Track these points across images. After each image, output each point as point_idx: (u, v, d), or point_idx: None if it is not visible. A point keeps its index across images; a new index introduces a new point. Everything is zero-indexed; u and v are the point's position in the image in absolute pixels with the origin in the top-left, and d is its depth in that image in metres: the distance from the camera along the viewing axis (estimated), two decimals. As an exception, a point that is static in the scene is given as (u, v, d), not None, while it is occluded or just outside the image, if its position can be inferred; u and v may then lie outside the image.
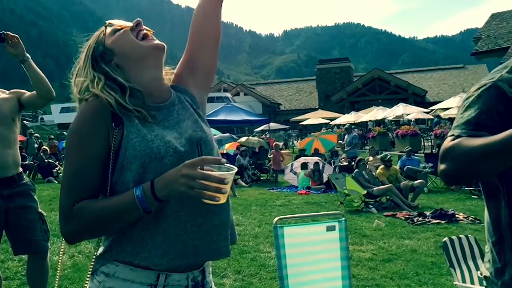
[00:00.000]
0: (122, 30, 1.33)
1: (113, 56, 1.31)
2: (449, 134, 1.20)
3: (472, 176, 1.16)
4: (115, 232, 1.25)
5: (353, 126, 27.72)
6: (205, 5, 1.47)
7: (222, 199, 1.14)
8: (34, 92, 3.09)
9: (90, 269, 1.30)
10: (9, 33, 2.90)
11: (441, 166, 1.17)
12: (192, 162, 1.12)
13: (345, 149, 15.62)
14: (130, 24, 1.34)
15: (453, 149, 1.14)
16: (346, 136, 15.81)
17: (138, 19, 1.34)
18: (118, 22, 1.35)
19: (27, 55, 2.98)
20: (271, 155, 15.09)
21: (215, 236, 1.28)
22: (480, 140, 1.09)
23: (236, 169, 1.17)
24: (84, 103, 1.26)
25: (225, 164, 1.15)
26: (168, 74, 1.44)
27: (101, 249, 1.30)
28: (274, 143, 16.59)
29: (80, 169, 1.21)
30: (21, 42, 2.93)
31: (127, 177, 1.21)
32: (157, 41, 1.33)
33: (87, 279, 1.30)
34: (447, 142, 1.17)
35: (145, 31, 1.34)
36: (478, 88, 1.22)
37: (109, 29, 1.34)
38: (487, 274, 1.35)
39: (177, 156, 1.23)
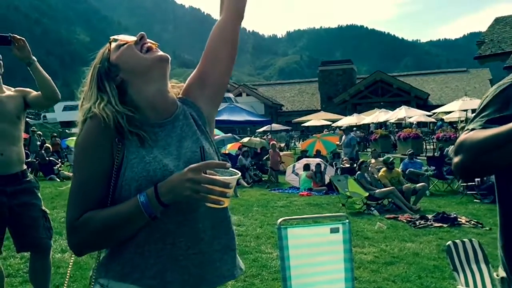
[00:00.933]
0: (126, 45, 1.32)
1: (119, 72, 1.31)
2: (465, 129, 1.23)
3: (484, 166, 1.17)
4: (122, 240, 1.24)
5: (354, 128, 27.85)
6: (225, 24, 1.46)
7: (226, 203, 1.15)
8: (40, 92, 3.10)
9: (93, 277, 1.32)
10: (16, 35, 2.90)
11: (455, 159, 1.20)
12: (197, 167, 1.12)
13: (343, 151, 15.53)
14: (134, 38, 1.34)
15: (465, 140, 1.17)
16: (343, 137, 15.73)
17: (142, 32, 1.34)
18: (122, 37, 1.35)
19: (33, 57, 2.99)
20: (269, 155, 14.97)
21: (218, 262, 1.29)
22: (490, 130, 1.12)
23: (239, 174, 1.18)
24: (88, 120, 1.26)
25: (229, 168, 1.16)
26: (176, 87, 1.43)
27: (101, 259, 1.31)
28: (271, 143, 16.48)
29: (85, 183, 1.22)
30: (28, 45, 2.93)
31: (126, 195, 1.22)
32: (161, 53, 1.32)
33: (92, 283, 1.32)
34: (461, 136, 1.20)
35: (149, 44, 1.33)
36: (497, 87, 1.25)
37: (113, 45, 1.34)
38: (503, 275, 1.37)
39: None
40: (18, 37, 2.90)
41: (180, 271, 1.22)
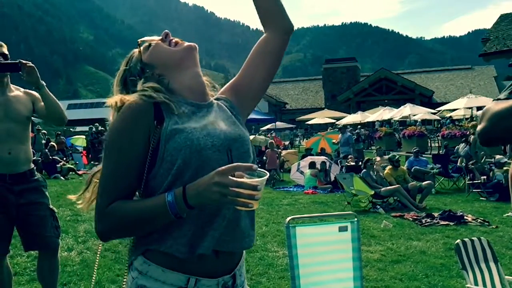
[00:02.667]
0: (154, 44, 1.41)
1: (153, 69, 1.38)
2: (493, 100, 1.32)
3: (504, 132, 1.24)
4: (146, 232, 1.26)
5: (359, 126, 27.79)
6: (274, 42, 1.50)
7: (255, 205, 1.14)
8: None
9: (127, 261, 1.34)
10: (24, 61, 2.92)
11: (478, 127, 1.28)
12: (224, 170, 1.12)
13: (339, 149, 15.32)
14: (159, 37, 1.42)
15: (489, 109, 1.26)
16: (340, 136, 15.57)
17: (166, 31, 1.43)
18: (148, 38, 1.43)
19: (42, 82, 3.01)
20: (267, 155, 14.51)
21: (247, 232, 1.33)
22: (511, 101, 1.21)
23: (268, 175, 1.16)
24: (125, 106, 1.27)
25: (257, 169, 1.15)
26: (209, 86, 1.46)
27: (136, 241, 1.32)
28: (269, 142, 16.32)
29: (118, 170, 1.23)
30: (36, 70, 2.95)
31: (165, 170, 1.23)
32: (188, 43, 1.41)
33: (125, 272, 1.35)
34: (487, 105, 1.29)
35: (175, 39, 1.42)
36: None
37: (142, 47, 1.42)
38: None
39: (215, 149, 1.25)
40: (27, 62, 2.91)
41: (209, 238, 1.24)
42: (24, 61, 2.91)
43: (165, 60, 1.37)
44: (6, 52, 3.11)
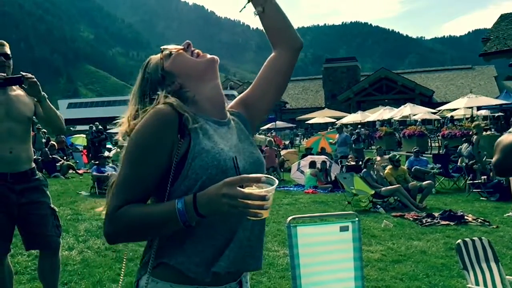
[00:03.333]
0: (177, 53, 1.40)
1: (175, 78, 1.37)
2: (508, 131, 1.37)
3: None
4: (154, 237, 1.27)
5: (359, 126, 27.79)
6: (285, 59, 1.52)
7: (265, 214, 1.14)
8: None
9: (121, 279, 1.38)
10: (27, 74, 2.94)
11: (493, 159, 1.35)
12: (232, 181, 1.12)
13: (336, 149, 15.15)
14: (181, 46, 1.42)
15: (501, 141, 1.31)
16: (337, 136, 15.43)
17: (188, 41, 1.43)
18: (170, 46, 1.42)
19: (44, 94, 3.03)
20: (265, 153, 14.49)
21: (258, 252, 1.35)
22: None
23: (277, 183, 1.16)
24: (151, 113, 1.26)
25: (267, 177, 1.16)
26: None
27: (146, 257, 1.32)
28: (268, 139, 16.26)
29: (136, 177, 1.23)
30: (38, 84, 2.97)
31: (186, 187, 1.23)
32: (210, 56, 1.42)
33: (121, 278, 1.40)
34: (500, 137, 1.35)
35: (197, 50, 1.42)
36: None
37: (163, 54, 1.41)
38: None
39: (237, 173, 1.26)
40: (29, 76, 2.92)
41: (227, 257, 1.25)
42: (26, 75, 2.92)
43: (188, 70, 1.37)
44: (8, 52, 3.11)
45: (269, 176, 1.16)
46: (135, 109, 1.35)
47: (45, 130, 20.97)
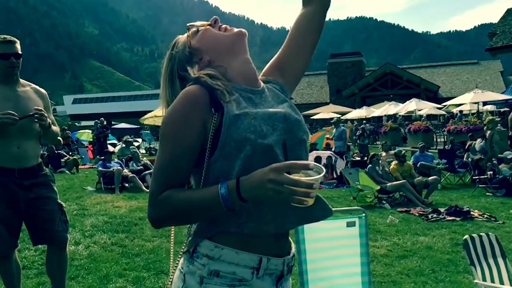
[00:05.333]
0: (204, 29, 1.39)
1: (202, 54, 1.37)
2: None
3: None
4: (195, 222, 1.29)
5: (364, 121, 27.72)
6: (314, 15, 1.52)
7: (310, 202, 1.12)
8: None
9: (182, 248, 1.32)
10: (37, 112, 3.02)
11: None
12: (279, 167, 1.11)
13: (335, 145, 15.04)
14: (208, 22, 1.41)
15: None
16: (334, 131, 15.32)
17: (215, 16, 1.41)
18: (197, 23, 1.41)
19: (49, 122, 3.11)
20: None
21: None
22: None
23: (324, 171, 1.13)
24: (181, 94, 1.26)
25: (315, 166, 1.13)
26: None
27: (196, 226, 1.31)
28: None
29: (173, 159, 1.23)
30: (46, 116, 3.08)
31: (227, 154, 1.22)
32: (238, 29, 1.40)
33: (170, 264, 1.37)
34: None
35: (224, 25, 1.41)
36: None
37: (190, 31, 1.40)
38: None
39: (277, 134, 1.25)
40: (40, 113, 3.01)
41: (289, 211, 1.26)
42: (37, 113, 3.00)
43: (216, 45, 1.36)
44: (19, 50, 3.13)
45: (317, 164, 1.14)
46: (168, 91, 1.36)
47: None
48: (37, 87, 3.30)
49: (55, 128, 3.27)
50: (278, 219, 1.26)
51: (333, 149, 14.67)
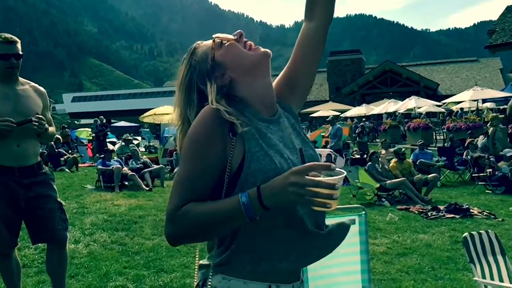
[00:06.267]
0: (229, 43, 1.33)
1: (225, 70, 1.31)
2: None
3: None
4: (217, 237, 1.25)
5: (363, 119, 27.71)
6: (317, 30, 1.48)
7: (334, 205, 1.09)
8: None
9: (194, 281, 1.31)
10: (36, 118, 3.05)
11: None
12: (300, 169, 1.08)
13: (331, 143, 15.00)
14: (233, 36, 1.34)
15: None
16: (330, 128, 15.27)
17: (240, 31, 1.35)
18: (222, 35, 1.35)
19: (46, 126, 3.13)
20: None
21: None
22: None
23: (345, 173, 1.11)
24: (203, 110, 1.24)
25: (334, 169, 1.11)
26: None
27: (209, 260, 1.29)
28: None
29: (195, 175, 1.20)
30: (44, 121, 3.11)
31: (247, 188, 1.18)
32: (264, 49, 1.35)
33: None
34: None
35: (249, 42, 1.35)
36: None
37: (215, 43, 1.34)
38: None
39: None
40: (38, 120, 3.04)
41: (303, 248, 1.24)
42: (35, 119, 3.02)
43: (241, 64, 1.31)
44: (20, 51, 3.12)
45: (338, 169, 1.11)
46: (184, 100, 1.32)
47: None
48: (36, 85, 3.29)
49: (52, 129, 3.27)
50: (298, 257, 1.24)
51: (328, 146, 14.66)
